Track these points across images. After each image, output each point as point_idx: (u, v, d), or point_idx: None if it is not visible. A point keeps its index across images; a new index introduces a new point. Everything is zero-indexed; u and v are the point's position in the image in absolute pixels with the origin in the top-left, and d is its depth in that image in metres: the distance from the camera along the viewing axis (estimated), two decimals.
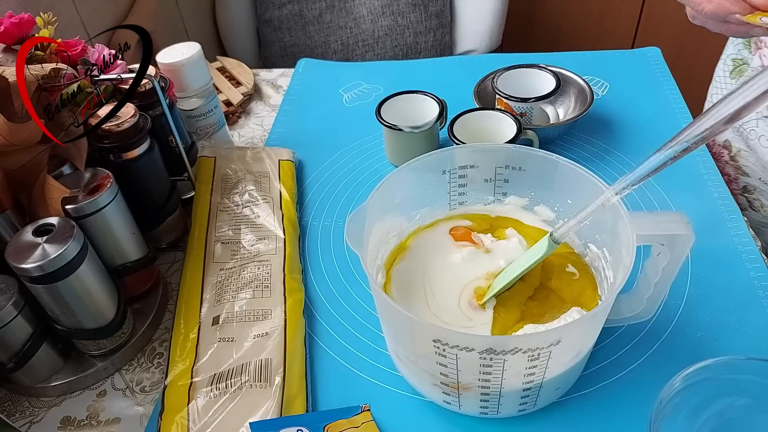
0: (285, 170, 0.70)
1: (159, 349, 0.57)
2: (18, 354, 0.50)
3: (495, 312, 0.49)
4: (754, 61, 0.68)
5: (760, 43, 0.67)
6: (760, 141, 0.69)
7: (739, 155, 0.72)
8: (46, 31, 0.54)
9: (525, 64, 0.77)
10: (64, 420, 0.52)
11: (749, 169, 0.72)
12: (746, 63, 0.71)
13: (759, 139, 0.69)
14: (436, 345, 0.41)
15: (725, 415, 0.44)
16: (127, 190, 0.56)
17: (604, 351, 0.52)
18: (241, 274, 0.58)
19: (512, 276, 0.48)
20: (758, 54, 0.67)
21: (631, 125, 0.77)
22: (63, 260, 0.46)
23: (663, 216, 0.44)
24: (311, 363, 0.54)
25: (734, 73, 0.73)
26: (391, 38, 1.35)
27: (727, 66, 0.75)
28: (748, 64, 0.70)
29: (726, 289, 0.56)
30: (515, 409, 0.47)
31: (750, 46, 0.70)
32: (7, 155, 0.49)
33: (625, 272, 0.41)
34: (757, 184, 0.71)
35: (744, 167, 0.71)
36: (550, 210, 0.55)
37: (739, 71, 0.72)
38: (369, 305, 0.58)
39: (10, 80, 0.47)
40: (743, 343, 0.52)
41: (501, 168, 0.54)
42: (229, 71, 0.96)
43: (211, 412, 0.48)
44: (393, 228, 0.55)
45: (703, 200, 0.65)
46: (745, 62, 0.71)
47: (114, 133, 0.56)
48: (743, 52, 0.72)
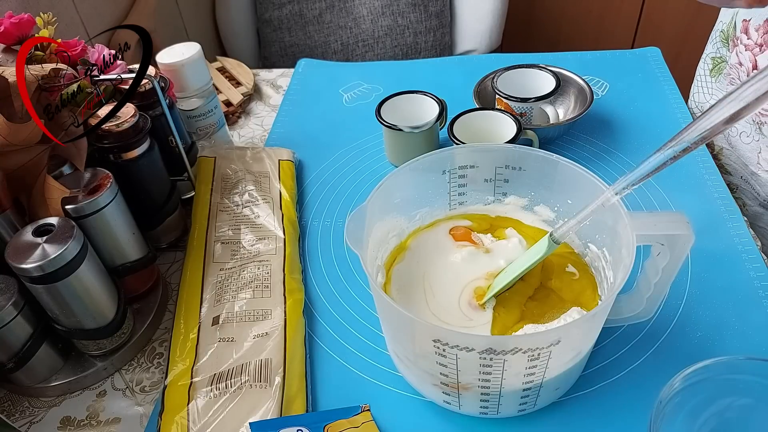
0: (285, 170, 0.70)
1: (159, 349, 0.57)
2: (18, 354, 0.50)
3: (495, 312, 0.49)
4: (732, 58, 0.69)
5: (737, 40, 0.67)
6: (741, 138, 0.69)
7: (721, 153, 0.73)
8: (45, 31, 0.54)
9: (525, 64, 0.77)
10: (63, 420, 0.52)
11: (731, 167, 0.72)
12: (725, 61, 0.71)
13: (740, 135, 0.69)
14: (436, 345, 0.41)
15: (725, 415, 0.44)
16: (127, 190, 0.56)
17: (604, 351, 0.52)
18: (241, 274, 0.58)
19: (512, 276, 0.48)
20: (735, 51, 0.68)
21: (630, 125, 0.77)
22: (63, 260, 0.46)
23: (663, 216, 0.44)
24: (311, 363, 0.54)
25: (714, 71, 0.73)
26: (391, 38, 1.35)
27: (707, 65, 0.75)
28: (726, 61, 0.71)
29: (726, 289, 0.56)
30: (515, 409, 0.47)
31: (728, 43, 0.70)
32: (7, 155, 0.49)
33: (625, 272, 0.41)
34: (738, 182, 0.71)
35: (726, 165, 0.71)
36: (550, 210, 0.55)
37: (718, 69, 0.72)
38: (369, 305, 0.58)
39: (10, 80, 0.47)
40: (743, 343, 0.52)
41: (501, 168, 0.54)
42: (229, 71, 0.96)
43: (211, 412, 0.48)
44: (393, 228, 0.55)
45: (703, 200, 0.65)
46: (723, 60, 0.71)
47: (114, 133, 0.56)
48: (721, 50, 0.72)
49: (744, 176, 0.72)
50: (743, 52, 0.66)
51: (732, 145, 0.71)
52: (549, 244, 0.47)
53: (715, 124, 0.34)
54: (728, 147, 0.72)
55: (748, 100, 0.32)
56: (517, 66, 0.76)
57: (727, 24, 0.72)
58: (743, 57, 0.66)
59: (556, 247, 0.47)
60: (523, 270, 0.48)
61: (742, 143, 0.69)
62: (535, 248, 0.48)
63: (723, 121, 0.34)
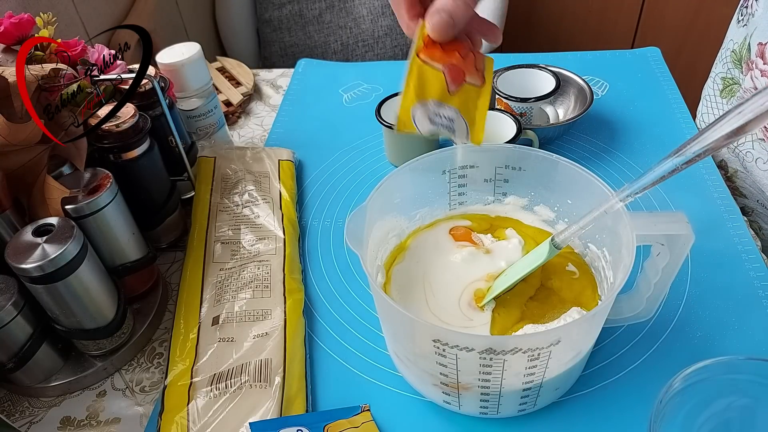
0: (285, 170, 0.70)
1: (159, 349, 0.57)
2: (18, 354, 0.50)
3: (495, 312, 0.49)
4: (746, 82, 0.67)
5: (752, 63, 0.66)
6: (757, 164, 0.68)
7: (735, 176, 0.72)
8: (45, 31, 0.54)
9: (525, 64, 0.77)
10: (63, 420, 0.52)
11: (746, 190, 0.71)
12: (738, 83, 0.69)
13: (756, 161, 0.68)
14: (436, 345, 0.41)
15: (725, 416, 0.44)
16: (127, 190, 0.56)
17: (603, 351, 0.52)
18: (241, 274, 0.58)
19: (512, 280, 0.48)
20: (749, 75, 0.66)
21: (630, 125, 0.77)
22: (63, 260, 0.46)
23: (663, 216, 0.44)
24: (311, 363, 0.54)
25: (724, 92, 0.71)
26: (391, 38, 1.35)
27: (717, 85, 0.73)
28: (739, 84, 0.69)
29: (726, 289, 0.56)
30: (515, 409, 0.47)
31: (741, 65, 0.69)
32: (6, 155, 0.49)
33: (624, 272, 0.41)
34: (754, 206, 0.70)
35: (741, 188, 0.70)
36: (549, 210, 0.55)
37: (729, 91, 0.71)
38: (369, 305, 0.58)
39: (9, 80, 0.47)
40: (743, 343, 0.52)
41: (501, 168, 0.54)
42: (229, 71, 0.96)
43: (210, 412, 0.48)
44: (393, 228, 0.55)
45: (703, 200, 0.65)
46: (736, 82, 0.70)
47: (114, 133, 0.56)
48: (733, 71, 0.71)
49: (760, 200, 0.70)
50: (759, 78, 0.64)
51: (747, 170, 0.70)
52: (550, 249, 0.46)
53: (718, 139, 0.34)
54: (743, 170, 0.71)
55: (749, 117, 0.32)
56: (517, 66, 0.76)
57: (740, 45, 0.70)
58: (759, 83, 0.64)
59: (557, 252, 0.47)
60: (524, 275, 0.48)
61: (759, 169, 0.68)
62: (535, 252, 0.48)
63: (725, 135, 0.34)
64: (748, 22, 0.66)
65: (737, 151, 0.70)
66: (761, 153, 0.67)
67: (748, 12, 0.67)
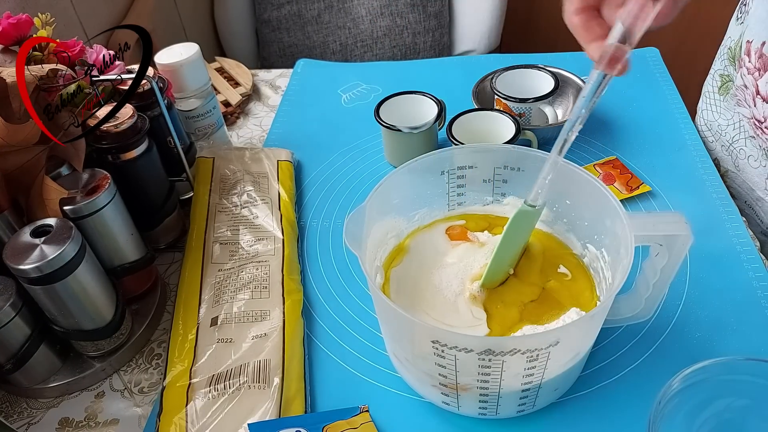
0: (283, 171, 0.70)
1: (157, 350, 0.57)
2: (16, 355, 0.50)
3: (494, 311, 0.49)
4: (737, 79, 0.68)
5: (741, 61, 0.66)
6: (749, 161, 0.68)
7: (726, 176, 0.72)
8: (44, 31, 0.54)
9: (523, 64, 0.77)
10: (62, 421, 0.52)
11: (736, 190, 0.71)
12: (732, 80, 0.70)
13: (747, 159, 0.68)
14: (435, 346, 0.41)
15: (724, 416, 0.44)
16: (126, 191, 0.56)
17: (602, 352, 0.52)
18: (240, 275, 0.58)
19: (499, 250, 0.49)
20: (740, 72, 0.67)
21: (629, 125, 0.77)
22: (61, 261, 0.46)
23: (661, 216, 0.44)
24: (310, 364, 0.54)
25: (722, 89, 0.72)
26: (390, 39, 1.35)
27: (716, 81, 0.74)
28: (732, 81, 0.70)
29: (725, 290, 0.56)
30: (514, 410, 0.47)
31: (734, 63, 0.70)
32: (5, 156, 0.49)
33: (623, 273, 0.41)
34: (742, 206, 0.71)
35: (731, 188, 0.70)
36: (548, 210, 0.55)
37: (725, 88, 0.71)
38: (368, 306, 0.58)
39: (8, 81, 0.47)
40: (742, 344, 0.52)
41: (500, 168, 0.54)
42: (228, 72, 0.96)
43: (209, 413, 0.47)
44: (392, 229, 0.55)
45: (702, 201, 0.65)
46: (730, 79, 0.70)
47: (112, 133, 0.56)
48: (729, 68, 0.71)
49: (748, 201, 0.71)
50: (746, 75, 0.65)
51: (739, 168, 0.70)
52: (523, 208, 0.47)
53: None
54: (734, 170, 0.71)
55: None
56: (515, 66, 0.76)
57: (735, 42, 0.70)
58: (747, 80, 0.65)
59: (536, 211, 0.47)
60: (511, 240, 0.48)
61: (750, 167, 0.68)
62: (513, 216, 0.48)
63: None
64: (745, 20, 0.67)
65: (731, 148, 0.70)
66: (753, 151, 0.67)
67: (745, 10, 0.68)
